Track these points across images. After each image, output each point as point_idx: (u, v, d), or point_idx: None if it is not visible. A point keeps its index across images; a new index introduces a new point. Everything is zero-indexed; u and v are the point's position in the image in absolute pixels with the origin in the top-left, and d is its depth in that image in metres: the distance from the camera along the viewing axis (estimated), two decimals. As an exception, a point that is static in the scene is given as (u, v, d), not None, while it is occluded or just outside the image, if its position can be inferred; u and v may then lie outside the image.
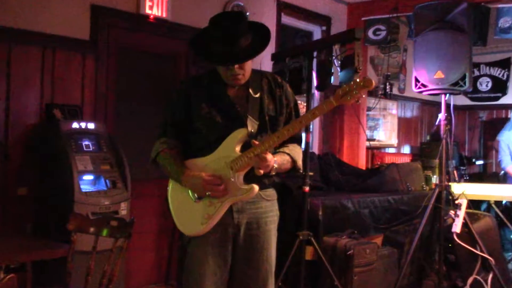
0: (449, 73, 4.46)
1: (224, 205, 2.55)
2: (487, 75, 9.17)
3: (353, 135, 7.02)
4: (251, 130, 2.56)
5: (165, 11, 4.93)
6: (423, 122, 9.10)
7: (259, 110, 2.62)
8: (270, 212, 2.71)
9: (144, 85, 5.03)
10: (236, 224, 2.62)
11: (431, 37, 4.57)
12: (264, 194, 2.68)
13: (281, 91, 2.72)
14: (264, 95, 2.67)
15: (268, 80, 2.72)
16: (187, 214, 2.63)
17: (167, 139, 2.69)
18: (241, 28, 2.51)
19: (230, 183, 2.53)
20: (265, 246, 2.67)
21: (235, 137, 2.55)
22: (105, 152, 4.06)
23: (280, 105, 2.70)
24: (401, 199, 5.42)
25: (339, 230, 4.61)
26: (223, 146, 2.56)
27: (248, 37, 2.54)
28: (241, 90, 2.65)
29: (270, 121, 2.64)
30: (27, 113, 4.15)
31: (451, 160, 4.80)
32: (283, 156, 2.63)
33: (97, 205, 3.80)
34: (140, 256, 4.83)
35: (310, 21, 6.71)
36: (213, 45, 2.53)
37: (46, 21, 4.22)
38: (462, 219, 4.35)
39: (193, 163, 2.62)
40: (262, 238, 2.66)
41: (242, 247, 2.64)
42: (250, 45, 2.54)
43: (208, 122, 2.60)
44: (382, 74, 7.80)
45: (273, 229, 2.73)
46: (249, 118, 2.57)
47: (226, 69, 2.56)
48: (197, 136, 2.65)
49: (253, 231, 2.64)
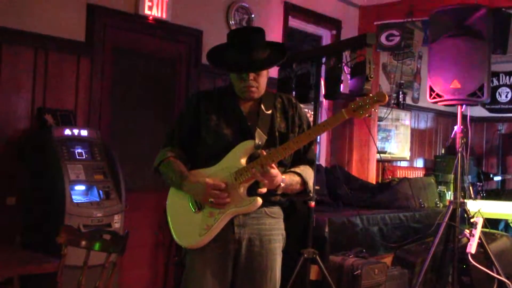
0: (466, 82, 4.47)
1: (225, 216, 2.58)
2: (507, 85, 9.18)
3: (363, 146, 7.02)
4: (259, 142, 2.61)
5: (165, 12, 4.96)
6: (437, 134, 9.10)
7: (270, 126, 2.69)
8: (275, 230, 2.73)
9: (141, 89, 5.05)
10: (237, 240, 2.64)
11: (448, 43, 4.58)
12: (269, 211, 2.71)
13: (294, 111, 2.79)
14: (276, 113, 2.74)
15: (282, 100, 2.81)
16: (185, 225, 2.67)
17: (172, 148, 2.75)
18: (259, 39, 2.66)
19: (234, 193, 2.57)
20: (269, 266, 2.68)
21: (241, 148, 2.61)
22: (98, 161, 4.07)
23: (292, 124, 2.76)
24: (413, 216, 5.42)
25: (346, 249, 4.61)
26: (228, 157, 2.62)
27: (265, 51, 2.67)
28: (253, 105, 2.73)
29: (280, 137, 2.69)
30: (17, 118, 4.16)
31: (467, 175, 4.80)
32: (293, 177, 2.67)
33: (89, 217, 3.81)
34: (134, 272, 4.83)
35: (319, 24, 6.73)
36: (230, 54, 2.65)
37: (39, 20, 4.24)
38: (478, 239, 4.35)
39: (197, 172, 2.67)
40: (265, 257, 2.67)
41: (245, 265, 2.66)
42: (266, 57, 2.66)
43: (215, 134, 2.67)
44: (395, 82, 7.82)
45: (277, 248, 2.74)
46: (257, 131, 2.63)
47: (240, 80, 2.64)
48: (203, 147, 2.70)
49: (256, 248, 2.66)
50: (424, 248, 4.97)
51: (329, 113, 6.72)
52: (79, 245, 2.96)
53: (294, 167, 2.73)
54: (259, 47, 2.64)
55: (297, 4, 6.29)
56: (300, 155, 2.76)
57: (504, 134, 9.27)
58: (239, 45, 2.63)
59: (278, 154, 2.51)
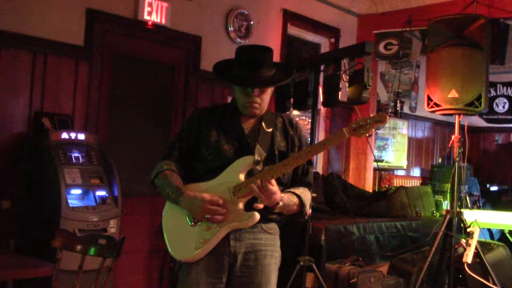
0: (464, 92, 4.47)
1: (222, 230, 2.56)
2: (504, 95, 9.22)
3: (360, 155, 7.03)
4: (258, 158, 2.61)
5: (164, 18, 4.97)
6: (435, 144, 9.12)
7: (270, 143, 2.70)
8: (270, 246, 2.71)
9: (139, 95, 5.05)
10: (233, 253, 2.61)
11: (446, 53, 4.59)
12: (266, 227, 2.69)
13: (294, 132, 2.81)
14: (276, 132, 2.75)
15: (283, 120, 2.82)
16: (181, 238, 2.64)
17: (170, 162, 2.72)
18: (267, 58, 2.67)
19: (231, 209, 2.55)
20: (263, 282, 2.66)
21: (240, 164, 2.60)
22: (95, 165, 4.06)
23: (292, 144, 2.77)
24: (409, 225, 5.42)
25: (343, 257, 4.60)
26: (227, 171, 2.61)
27: (272, 70, 2.69)
28: (254, 123, 2.74)
29: (279, 155, 2.69)
30: (14, 122, 4.15)
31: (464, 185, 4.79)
32: (292, 197, 2.66)
33: (85, 221, 3.80)
34: (129, 277, 4.81)
35: (318, 32, 6.74)
36: (237, 68, 2.67)
37: (38, 24, 4.25)
38: (474, 249, 4.34)
39: (194, 186, 2.65)
40: (260, 272, 2.65)
41: (239, 280, 2.64)
42: (273, 75, 2.69)
43: (215, 150, 2.66)
44: (393, 91, 7.84)
45: (273, 265, 2.72)
46: (257, 147, 2.64)
47: (245, 95, 2.65)
48: (202, 163, 2.69)
49: (251, 262, 2.64)
50: (421, 257, 4.96)
51: (327, 120, 6.73)
52: (74, 249, 2.95)
53: (293, 188, 2.72)
54: (266, 65, 2.66)
55: (296, 12, 6.30)
56: (299, 177, 2.77)
57: (501, 145, 9.29)
58: (247, 62, 2.64)
59: (278, 170, 2.51)
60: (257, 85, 2.64)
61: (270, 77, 2.67)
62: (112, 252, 2.89)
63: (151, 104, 5.12)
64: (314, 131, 4.28)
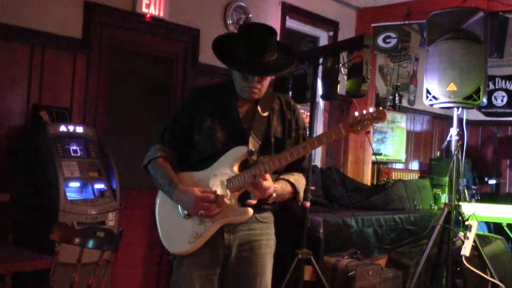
0: (463, 85, 4.47)
1: (215, 225, 2.54)
2: (503, 89, 9.21)
3: (359, 148, 7.03)
4: (252, 148, 2.56)
5: (162, 11, 4.95)
6: (433, 137, 9.12)
7: (266, 130, 2.63)
8: (265, 235, 2.69)
9: (138, 87, 5.04)
10: (227, 246, 2.60)
11: (445, 46, 4.58)
12: (259, 216, 2.66)
13: (292, 115, 2.73)
14: (273, 115, 2.68)
15: (280, 102, 2.74)
16: (174, 231, 2.63)
17: (163, 147, 2.69)
18: (272, 42, 2.56)
19: (224, 203, 2.52)
20: (259, 272, 2.65)
21: (234, 155, 2.56)
22: (93, 158, 4.05)
23: (289, 129, 2.71)
24: (407, 219, 5.43)
25: (341, 250, 4.61)
26: (220, 162, 2.57)
27: (275, 53, 2.59)
28: (250, 106, 2.67)
29: (275, 143, 2.64)
30: (12, 114, 4.14)
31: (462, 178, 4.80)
32: (285, 187, 2.62)
33: (83, 214, 3.79)
34: (127, 271, 4.82)
35: (317, 25, 6.73)
36: (240, 51, 2.55)
37: (36, 17, 4.23)
38: (472, 242, 4.35)
39: (187, 176, 2.62)
40: (255, 262, 2.64)
41: (235, 271, 2.63)
42: (277, 61, 2.58)
43: (208, 136, 2.60)
44: (391, 84, 7.83)
45: (268, 254, 2.70)
46: (251, 136, 2.57)
47: (245, 80, 2.58)
48: (194, 149, 2.65)
49: (246, 253, 2.63)
50: (419, 250, 4.98)
51: (325, 114, 6.73)
52: (73, 242, 2.95)
53: (287, 173, 2.67)
54: (271, 49, 2.56)
55: (294, 4, 6.28)
56: (294, 162, 2.64)
57: (500, 138, 9.30)
58: (252, 45, 2.53)
59: (272, 166, 2.46)
60: (261, 73, 2.58)
61: (273, 64, 2.58)
62: (111, 245, 2.89)
63: (150, 97, 5.11)
64: (312, 124, 4.28)
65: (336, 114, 6.91)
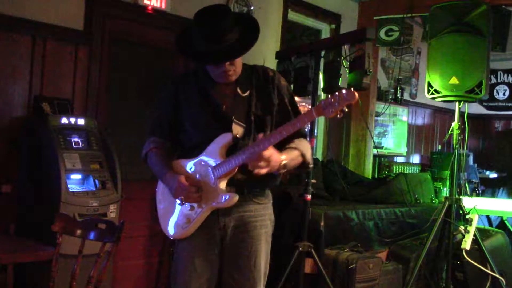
0: (465, 79, 4.47)
1: (204, 211, 2.61)
2: (505, 83, 9.20)
3: (360, 141, 7.02)
4: (236, 134, 2.58)
5: (164, 3, 4.95)
6: (434, 131, 9.11)
7: (247, 111, 2.63)
8: (260, 216, 2.72)
9: (139, 79, 5.04)
10: (222, 227, 2.66)
11: (447, 40, 4.58)
12: (255, 197, 2.70)
13: (271, 87, 2.69)
14: (253, 92, 2.66)
15: (259, 76, 2.71)
16: (170, 215, 2.72)
17: (156, 138, 2.77)
18: (226, 24, 2.49)
19: (211, 190, 2.57)
20: (253, 252, 2.68)
21: (219, 142, 2.58)
22: (95, 150, 4.06)
23: (269, 103, 2.67)
24: (408, 212, 5.43)
25: (342, 243, 4.62)
26: (208, 151, 2.61)
27: (236, 32, 2.52)
28: (230, 87, 2.66)
29: (255, 121, 2.63)
30: (14, 106, 4.14)
31: (463, 172, 4.80)
32: (292, 152, 2.59)
33: (84, 206, 3.80)
34: (128, 262, 4.83)
35: (319, 18, 6.72)
36: (200, 41, 2.52)
37: (38, 8, 4.22)
38: (473, 235, 4.36)
39: (180, 164, 2.70)
40: (250, 243, 2.68)
41: (230, 251, 2.69)
42: (238, 41, 2.52)
43: (193, 123, 2.66)
44: (393, 77, 7.82)
45: (263, 234, 2.73)
46: (234, 121, 2.59)
47: (216, 67, 2.58)
48: (185, 136, 2.72)
49: (241, 234, 2.68)
50: (419, 243, 4.98)
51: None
52: (74, 234, 2.95)
53: (288, 142, 2.61)
54: (228, 31, 2.49)
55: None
56: None
57: (501, 132, 9.29)
58: (206, 34, 2.49)
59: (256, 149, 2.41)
60: (223, 60, 2.51)
61: (237, 44, 2.51)
62: (112, 236, 2.89)
63: (151, 88, 5.11)
64: (314, 117, 4.27)
65: (337, 107, 6.88)
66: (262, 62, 4.47)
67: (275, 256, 2.80)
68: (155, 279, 5.12)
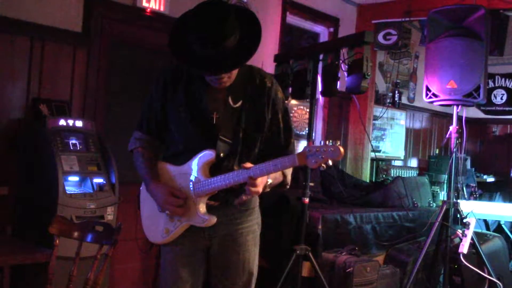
0: (463, 83, 4.47)
1: (182, 226, 2.57)
2: (502, 87, 9.21)
3: (358, 145, 7.03)
4: (220, 154, 2.48)
5: (162, 5, 4.95)
6: (432, 134, 9.12)
7: (236, 125, 2.49)
8: (247, 223, 2.65)
9: (137, 82, 5.03)
10: (207, 237, 2.60)
11: (445, 44, 4.58)
12: (241, 205, 2.59)
13: (267, 100, 2.54)
14: (245, 104, 2.50)
15: (255, 85, 2.53)
16: (151, 221, 2.69)
17: (142, 135, 2.72)
18: (228, 27, 2.27)
19: (191, 205, 2.52)
20: (241, 259, 2.63)
21: (202, 158, 2.48)
22: (92, 152, 4.05)
23: (261, 119, 2.54)
24: (406, 216, 5.43)
25: (339, 246, 4.61)
26: (191, 164, 2.51)
27: (236, 33, 2.30)
28: (222, 94, 2.50)
29: (244, 139, 2.51)
30: (12, 107, 4.14)
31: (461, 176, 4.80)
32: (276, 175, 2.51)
33: (82, 208, 3.79)
34: (126, 265, 4.82)
35: (317, 21, 6.73)
36: (196, 46, 2.31)
37: (36, 10, 4.22)
38: (470, 239, 4.36)
39: (164, 169, 2.64)
40: (237, 250, 2.62)
41: (218, 259, 2.63)
42: (238, 47, 2.31)
43: (179, 127, 2.56)
44: (391, 81, 7.83)
45: (251, 240, 2.66)
46: (220, 138, 2.47)
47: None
48: (171, 137, 2.64)
49: (228, 243, 2.62)
50: (417, 247, 4.99)
51: (324, 110, 6.73)
52: (72, 236, 2.94)
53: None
54: (228, 36, 2.26)
55: (295, 0, 6.27)
56: (281, 149, 2.58)
57: (499, 136, 9.30)
58: (204, 37, 2.27)
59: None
60: (224, 70, 2.34)
61: (235, 52, 2.28)
62: (109, 239, 2.89)
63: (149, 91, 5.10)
64: (312, 120, 4.28)
65: (335, 110, 6.91)
66: (261, 65, 4.49)
67: (273, 259, 2.78)
68: (152, 282, 5.10)
